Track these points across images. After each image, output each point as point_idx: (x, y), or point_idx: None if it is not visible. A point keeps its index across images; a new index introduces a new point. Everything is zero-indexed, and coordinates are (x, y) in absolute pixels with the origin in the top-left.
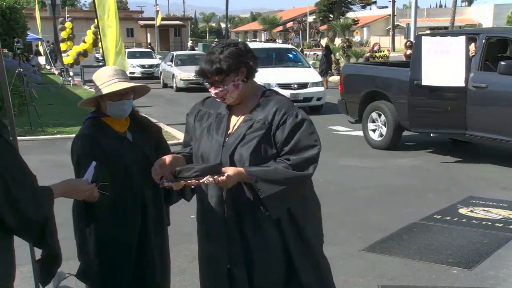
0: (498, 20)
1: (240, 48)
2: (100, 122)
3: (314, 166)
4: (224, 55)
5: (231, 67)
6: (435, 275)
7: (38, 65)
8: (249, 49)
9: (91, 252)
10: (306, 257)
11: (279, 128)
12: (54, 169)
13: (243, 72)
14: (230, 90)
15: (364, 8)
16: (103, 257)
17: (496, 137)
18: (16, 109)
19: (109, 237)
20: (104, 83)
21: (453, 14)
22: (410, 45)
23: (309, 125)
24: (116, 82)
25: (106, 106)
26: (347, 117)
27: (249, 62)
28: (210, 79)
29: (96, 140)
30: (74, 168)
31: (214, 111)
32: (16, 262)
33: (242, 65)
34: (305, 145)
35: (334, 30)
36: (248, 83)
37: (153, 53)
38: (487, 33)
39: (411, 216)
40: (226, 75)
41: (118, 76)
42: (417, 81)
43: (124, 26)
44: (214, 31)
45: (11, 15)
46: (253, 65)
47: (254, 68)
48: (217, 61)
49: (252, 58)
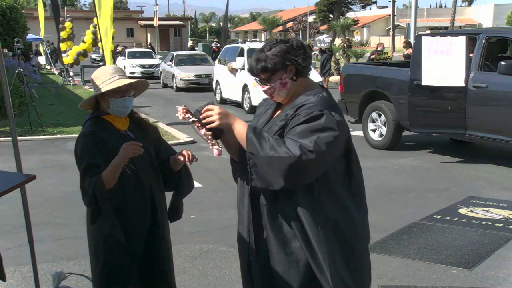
0: (498, 20)
1: (290, 45)
2: (102, 121)
3: (303, 151)
4: (272, 52)
5: (277, 65)
6: (435, 275)
7: (38, 65)
8: (301, 46)
9: (102, 247)
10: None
11: (294, 118)
12: (54, 169)
13: (292, 70)
14: (277, 88)
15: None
16: (116, 252)
17: (496, 137)
18: (16, 109)
19: (122, 232)
20: (106, 81)
21: (453, 14)
22: (404, 45)
23: (323, 125)
24: (117, 79)
25: (109, 104)
26: (347, 117)
27: (297, 60)
28: (258, 77)
29: (100, 137)
30: (78, 166)
31: (269, 105)
32: (16, 262)
33: (290, 63)
34: (302, 133)
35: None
36: (298, 81)
37: (153, 53)
38: (487, 33)
39: (411, 216)
40: (272, 73)
41: (118, 73)
42: (417, 81)
43: (124, 26)
44: (214, 31)
45: (11, 15)
46: (303, 62)
47: (304, 66)
48: (263, 58)
49: (302, 56)
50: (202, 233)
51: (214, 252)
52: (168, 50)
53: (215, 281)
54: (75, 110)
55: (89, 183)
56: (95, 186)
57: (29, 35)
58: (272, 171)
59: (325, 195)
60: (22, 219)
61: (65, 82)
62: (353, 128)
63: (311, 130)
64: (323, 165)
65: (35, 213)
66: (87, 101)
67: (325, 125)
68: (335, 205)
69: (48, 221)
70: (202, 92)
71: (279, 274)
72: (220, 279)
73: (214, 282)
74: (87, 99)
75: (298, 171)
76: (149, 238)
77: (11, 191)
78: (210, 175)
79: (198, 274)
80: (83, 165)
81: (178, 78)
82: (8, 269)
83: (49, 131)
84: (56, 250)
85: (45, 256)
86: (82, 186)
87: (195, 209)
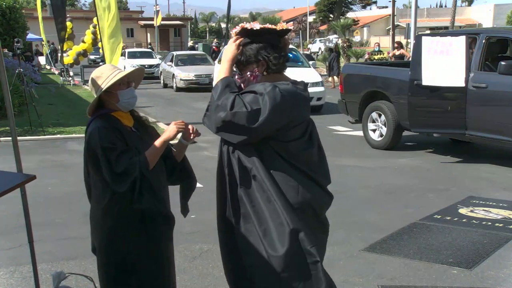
0: (498, 20)
1: (267, 44)
2: (111, 117)
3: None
4: (249, 47)
5: (250, 58)
6: (435, 275)
7: (38, 65)
8: (278, 47)
9: (125, 242)
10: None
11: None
12: (54, 169)
13: (263, 65)
14: (247, 78)
15: (364, 8)
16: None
17: (496, 137)
18: (16, 109)
19: (143, 228)
20: (109, 76)
21: (453, 14)
22: (397, 46)
23: (256, 90)
24: (119, 72)
25: (117, 97)
26: (347, 117)
27: (269, 57)
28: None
29: (116, 128)
30: (99, 160)
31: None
32: (16, 262)
33: (262, 58)
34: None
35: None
36: (271, 76)
37: (153, 53)
38: (487, 33)
39: (411, 216)
40: (244, 65)
41: (117, 69)
42: (417, 81)
43: (124, 26)
44: (214, 31)
45: (11, 15)
46: (274, 60)
47: (275, 64)
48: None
49: (275, 54)
50: (202, 233)
51: (214, 252)
52: (168, 50)
53: (215, 281)
54: (75, 110)
55: (130, 164)
56: (141, 164)
57: (29, 35)
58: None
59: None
60: (22, 219)
61: (65, 82)
62: (353, 128)
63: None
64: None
65: (35, 213)
66: (93, 104)
67: (257, 90)
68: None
69: (48, 221)
70: (202, 92)
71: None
72: (220, 279)
73: (214, 282)
74: (93, 102)
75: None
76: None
77: (11, 191)
78: (210, 175)
79: (198, 274)
80: (116, 151)
81: (178, 78)
82: (8, 269)
83: (49, 131)
84: (56, 250)
85: (45, 256)
86: (115, 173)
87: (195, 209)
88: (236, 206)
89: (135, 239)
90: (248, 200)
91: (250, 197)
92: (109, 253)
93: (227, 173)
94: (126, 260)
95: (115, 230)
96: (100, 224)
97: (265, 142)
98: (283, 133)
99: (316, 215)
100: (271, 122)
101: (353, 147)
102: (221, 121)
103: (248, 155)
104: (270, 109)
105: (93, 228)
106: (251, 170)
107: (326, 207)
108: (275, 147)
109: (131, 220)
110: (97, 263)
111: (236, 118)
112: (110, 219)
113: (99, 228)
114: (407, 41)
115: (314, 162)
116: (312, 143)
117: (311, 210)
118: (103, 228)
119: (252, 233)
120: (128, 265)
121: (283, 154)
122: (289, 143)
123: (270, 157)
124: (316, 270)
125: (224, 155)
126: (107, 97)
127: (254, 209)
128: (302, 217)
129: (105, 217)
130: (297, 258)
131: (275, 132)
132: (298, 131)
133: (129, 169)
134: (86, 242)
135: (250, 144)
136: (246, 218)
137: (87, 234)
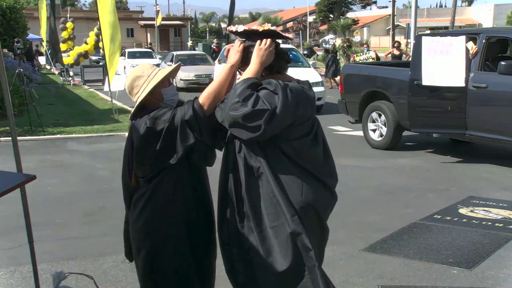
0: (498, 20)
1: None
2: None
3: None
4: (251, 49)
5: (250, 59)
6: (435, 275)
7: (38, 65)
8: (281, 50)
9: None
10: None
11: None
12: (54, 169)
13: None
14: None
15: (364, 8)
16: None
17: (496, 137)
18: (16, 109)
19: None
20: (151, 74)
21: (453, 14)
22: (397, 45)
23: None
24: (159, 70)
25: (161, 96)
26: (347, 117)
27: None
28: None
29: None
30: (177, 134)
31: None
32: (16, 262)
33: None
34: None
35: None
36: (273, 76)
37: (153, 53)
38: (487, 33)
39: (411, 216)
40: (246, 66)
41: (155, 67)
42: (417, 81)
43: (124, 26)
44: (214, 31)
45: (11, 15)
46: (273, 62)
47: (274, 65)
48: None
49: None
50: None
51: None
52: (168, 50)
53: (215, 280)
54: (75, 110)
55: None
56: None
57: (30, 35)
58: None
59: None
60: (22, 219)
61: (65, 82)
62: (353, 128)
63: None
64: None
65: (35, 213)
66: (138, 106)
67: (269, 88)
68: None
69: (48, 221)
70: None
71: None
72: (220, 279)
73: (215, 281)
74: (139, 105)
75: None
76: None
77: (11, 191)
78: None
79: None
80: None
81: (178, 78)
82: (8, 269)
83: (49, 131)
84: (56, 250)
85: (45, 256)
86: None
87: None
88: (239, 205)
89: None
90: (251, 200)
91: (253, 197)
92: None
93: (231, 173)
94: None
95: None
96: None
97: (271, 141)
98: (288, 131)
99: (319, 218)
100: (281, 120)
101: (353, 147)
102: (240, 117)
103: (254, 154)
104: (282, 107)
105: (140, 232)
106: (258, 169)
107: (330, 208)
108: (281, 146)
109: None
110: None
111: (256, 116)
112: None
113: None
114: (407, 41)
115: (319, 161)
116: (317, 141)
117: (313, 211)
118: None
119: (253, 232)
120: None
121: (289, 152)
122: (294, 142)
123: (275, 156)
124: (314, 274)
125: (230, 154)
126: (151, 96)
127: (256, 209)
128: (304, 218)
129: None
130: (296, 260)
131: (280, 131)
132: (303, 130)
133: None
134: (86, 242)
135: (256, 143)
136: (248, 218)
137: (87, 234)
